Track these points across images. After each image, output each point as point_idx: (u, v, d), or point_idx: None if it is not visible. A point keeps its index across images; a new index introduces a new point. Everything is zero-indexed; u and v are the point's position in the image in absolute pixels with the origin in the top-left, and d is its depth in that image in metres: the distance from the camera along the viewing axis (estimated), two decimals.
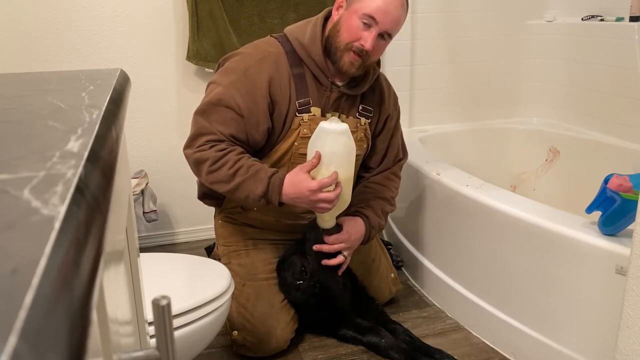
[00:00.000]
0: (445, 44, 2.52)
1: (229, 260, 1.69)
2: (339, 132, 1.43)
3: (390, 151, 1.77)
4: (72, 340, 0.20)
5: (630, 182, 1.28)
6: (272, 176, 1.45)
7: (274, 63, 1.53)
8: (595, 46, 2.38)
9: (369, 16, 1.46)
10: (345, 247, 1.59)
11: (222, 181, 1.47)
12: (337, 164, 1.44)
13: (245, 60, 1.53)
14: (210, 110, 1.50)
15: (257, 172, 1.45)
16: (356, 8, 1.48)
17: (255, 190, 1.45)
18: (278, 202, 1.47)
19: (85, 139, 0.37)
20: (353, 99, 1.64)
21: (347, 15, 1.49)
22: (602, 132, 2.37)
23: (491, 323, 1.68)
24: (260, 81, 1.50)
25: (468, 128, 2.61)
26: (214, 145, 1.48)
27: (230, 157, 1.46)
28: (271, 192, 1.45)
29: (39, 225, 0.24)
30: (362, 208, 1.68)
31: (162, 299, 0.47)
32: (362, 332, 1.66)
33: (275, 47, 1.57)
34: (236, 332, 1.61)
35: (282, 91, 1.53)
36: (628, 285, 1.06)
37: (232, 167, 1.45)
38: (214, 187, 1.51)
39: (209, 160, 1.46)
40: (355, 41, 1.48)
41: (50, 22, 2.08)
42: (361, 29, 1.47)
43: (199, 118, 1.51)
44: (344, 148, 1.45)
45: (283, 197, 1.45)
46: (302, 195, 1.43)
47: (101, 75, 0.63)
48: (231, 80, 1.51)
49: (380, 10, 1.46)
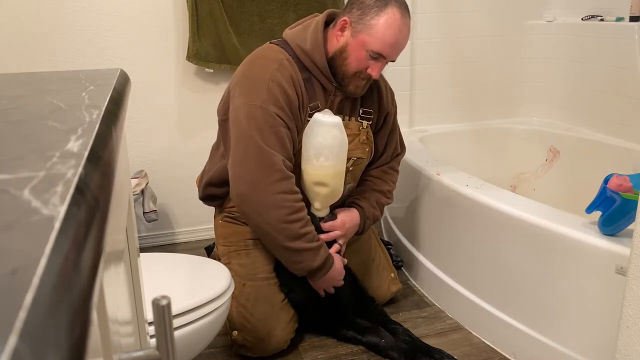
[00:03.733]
0: (445, 44, 2.52)
1: (229, 260, 1.69)
2: (330, 124, 1.45)
3: (389, 147, 1.78)
4: (72, 340, 0.20)
5: (630, 182, 1.28)
6: (328, 257, 1.53)
7: (290, 67, 1.52)
8: (595, 46, 2.38)
9: (378, 53, 1.47)
10: (340, 235, 1.62)
11: (285, 235, 1.45)
12: (326, 156, 1.46)
13: (264, 73, 1.48)
14: (264, 135, 1.43)
15: (319, 247, 1.50)
16: (364, 41, 1.47)
17: (311, 262, 1.50)
18: (314, 280, 1.57)
19: (85, 139, 0.37)
20: (354, 101, 1.65)
21: (355, 45, 1.48)
22: (602, 132, 2.37)
23: (491, 323, 1.68)
24: (286, 89, 1.48)
25: (468, 128, 2.61)
26: (287, 188, 1.44)
27: (303, 215, 1.47)
28: (322, 270, 1.53)
29: (39, 225, 0.24)
30: (357, 199, 1.71)
31: (162, 299, 0.47)
32: (362, 332, 1.66)
33: (282, 53, 1.55)
34: (236, 332, 1.61)
35: (299, 96, 1.52)
36: (628, 285, 1.06)
37: (303, 227, 1.46)
38: (270, 229, 1.45)
39: (286, 209, 1.43)
40: (363, 70, 1.50)
41: (51, 22, 2.08)
42: (369, 60, 1.49)
43: (253, 143, 1.42)
44: (335, 141, 1.47)
45: (325, 277, 1.56)
46: (334, 279, 1.59)
47: (101, 75, 0.63)
48: (263, 97, 1.44)
49: (390, 47, 1.48)
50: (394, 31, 1.46)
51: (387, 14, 1.45)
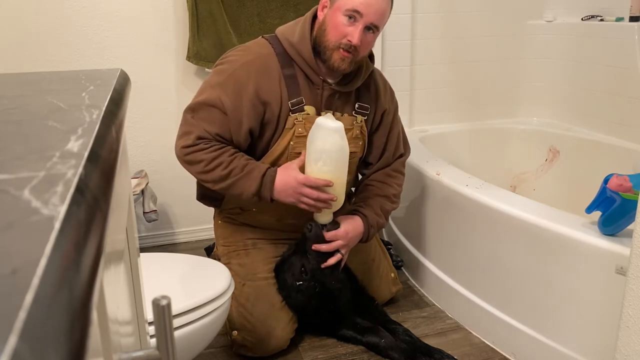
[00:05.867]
0: (445, 44, 2.52)
1: (228, 260, 1.69)
2: (331, 129, 1.45)
3: (389, 146, 1.76)
4: (72, 340, 0.20)
5: (630, 182, 1.29)
6: (265, 174, 1.50)
7: (263, 64, 1.55)
8: (595, 46, 2.38)
9: (352, 10, 1.47)
10: (343, 245, 1.59)
11: (215, 181, 1.52)
12: (325, 161, 1.46)
13: (234, 62, 1.56)
14: (198, 109, 1.53)
15: (251, 171, 1.50)
16: (339, 5, 1.49)
17: (249, 188, 1.50)
18: (270, 199, 1.51)
19: (85, 139, 0.37)
20: (347, 96, 1.64)
21: (332, 13, 1.50)
22: (602, 132, 2.37)
23: (491, 323, 1.68)
24: (247, 82, 1.52)
25: (468, 128, 2.61)
26: (206, 146, 1.50)
27: (224, 159, 1.50)
28: (264, 188, 1.50)
29: (39, 225, 0.24)
30: (360, 207, 1.68)
31: (162, 299, 0.47)
32: (362, 332, 1.66)
33: (266, 48, 1.58)
34: (236, 332, 1.61)
35: (272, 92, 1.54)
36: (628, 285, 1.06)
37: (225, 168, 1.50)
38: (207, 184, 1.55)
39: (203, 162, 1.50)
40: (342, 38, 1.49)
41: (51, 22, 2.08)
42: (346, 25, 1.48)
43: (188, 116, 1.55)
44: (334, 147, 1.46)
45: (274, 192, 1.51)
46: (289, 186, 1.48)
47: (101, 75, 0.63)
48: (219, 80, 1.54)
49: (363, 2, 1.46)
50: None
51: None
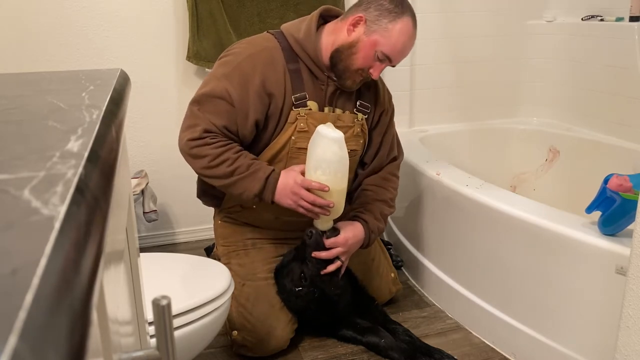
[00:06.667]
0: (445, 44, 2.52)
1: (228, 260, 1.69)
2: (330, 139, 1.45)
3: (384, 146, 1.77)
4: (72, 340, 0.20)
5: (630, 182, 1.28)
6: (270, 175, 1.50)
7: (269, 57, 1.55)
8: (595, 46, 2.38)
9: (386, 56, 1.52)
10: (342, 252, 1.58)
11: (219, 177, 1.51)
12: (324, 170, 1.47)
13: (240, 54, 1.56)
14: (204, 101, 1.52)
15: (256, 171, 1.49)
16: (377, 41, 1.50)
17: (252, 188, 1.49)
18: (271, 201, 1.52)
19: (85, 139, 0.37)
20: (349, 94, 1.65)
21: (367, 43, 1.51)
22: (602, 132, 2.37)
23: (491, 323, 1.68)
24: (253, 74, 1.52)
25: (468, 128, 2.61)
26: (212, 140, 1.49)
27: (229, 155, 1.49)
28: (267, 190, 1.50)
29: (39, 225, 0.24)
30: (360, 212, 1.68)
31: (162, 299, 0.47)
32: (362, 332, 1.66)
33: (272, 42, 1.59)
34: (236, 332, 1.61)
35: (277, 85, 1.55)
36: (628, 285, 1.06)
37: (231, 165, 1.49)
38: (209, 180, 1.55)
39: (208, 157, 1.49)
40: (365, 67, 1.54)
41: (51, 22, 2.08)
42: (374, 60, 1.53)
43: (194, 108, 1.53)
44: (334, 157, 1.47)
45: (276, 194, 1.51)
46: (288, 186, 1.49)
47: (101, 75, 0.63)
48: (224, 72, 1.54)
49: (399, 53, 1.53)
50: (405, 39, 1.52)
51: (403, 21, 1.51)
